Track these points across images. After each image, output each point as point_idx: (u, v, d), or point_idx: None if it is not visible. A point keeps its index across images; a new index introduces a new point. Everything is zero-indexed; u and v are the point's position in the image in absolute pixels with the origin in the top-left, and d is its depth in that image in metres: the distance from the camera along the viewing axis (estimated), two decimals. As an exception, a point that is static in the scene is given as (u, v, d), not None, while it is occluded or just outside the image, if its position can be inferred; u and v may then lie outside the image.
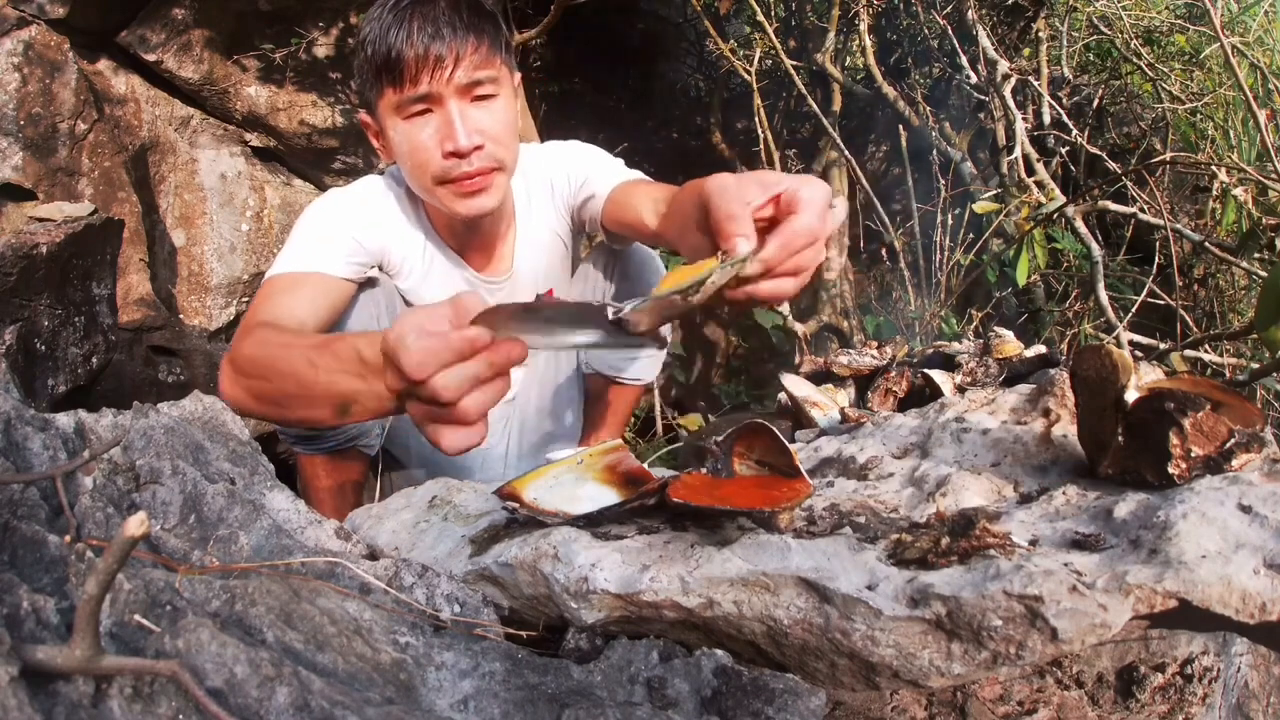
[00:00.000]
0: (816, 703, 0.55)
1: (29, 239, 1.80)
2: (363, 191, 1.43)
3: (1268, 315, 1.15)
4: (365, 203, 1.40)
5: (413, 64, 1.18)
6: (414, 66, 1.19)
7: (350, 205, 1.39)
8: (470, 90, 1.23)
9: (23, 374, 1.73)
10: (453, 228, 1.42)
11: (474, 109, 1.24)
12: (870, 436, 0.92)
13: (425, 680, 0.54)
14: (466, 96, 1.23)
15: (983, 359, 1.07)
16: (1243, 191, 2.06)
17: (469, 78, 1.22)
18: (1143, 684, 0.66)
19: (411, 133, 1.24)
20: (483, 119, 1.24)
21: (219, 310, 2.73)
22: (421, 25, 1.18)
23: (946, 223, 2.73)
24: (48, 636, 0.43)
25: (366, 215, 1.38)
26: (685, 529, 0.71)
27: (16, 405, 0.66)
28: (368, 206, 1.40)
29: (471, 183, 1.26)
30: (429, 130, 1.23)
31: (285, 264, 1.28)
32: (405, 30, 1.18)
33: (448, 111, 1.22)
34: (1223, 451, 0.65)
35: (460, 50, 1.20)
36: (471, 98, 1.24)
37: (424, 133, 1.23)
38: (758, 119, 3.14)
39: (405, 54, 1.18)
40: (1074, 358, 0.75)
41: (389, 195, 1.43)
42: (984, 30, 2.78)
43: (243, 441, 0.81)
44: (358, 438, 1.49)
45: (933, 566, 0.60)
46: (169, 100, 2.65)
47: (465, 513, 0.85)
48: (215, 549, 0.62)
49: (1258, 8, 2.55)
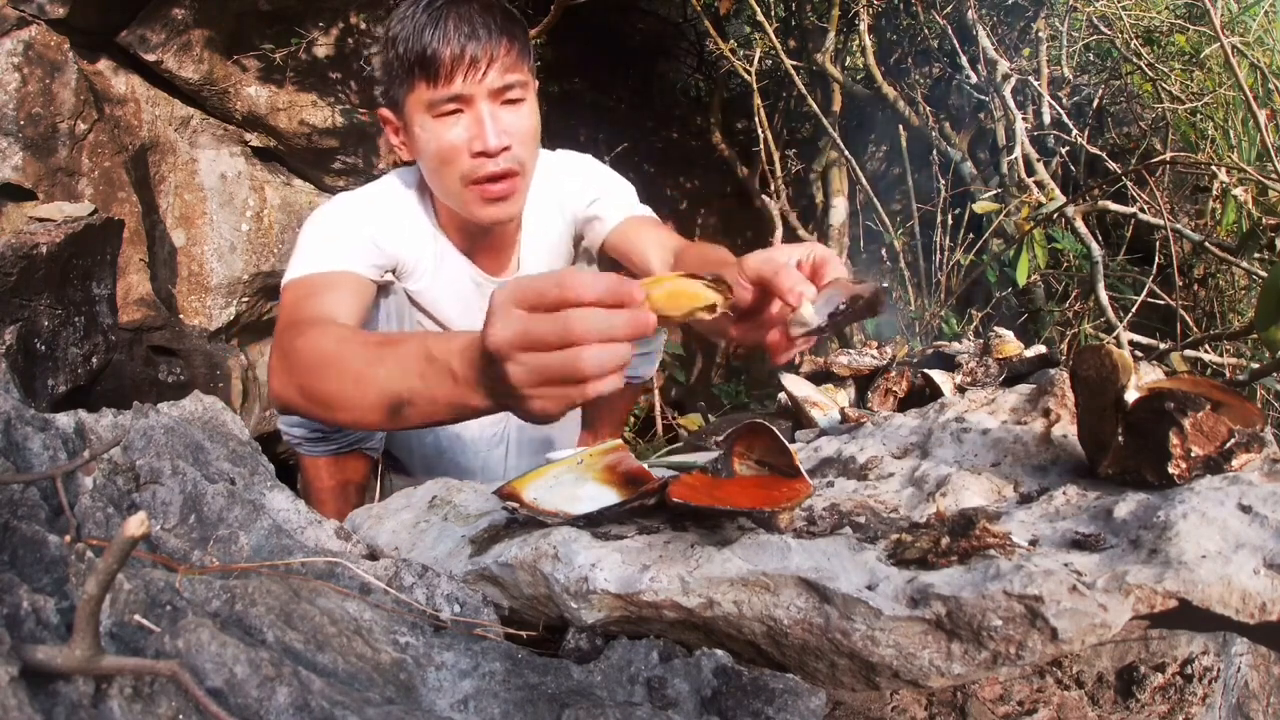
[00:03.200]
0: (816, 703, 0.55)
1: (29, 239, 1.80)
2: (372, 194, 1.43)
3: (1268, 315, 1.15)
4: (375, 204, 1.40)
5: (448, 63, 1.19)
6: (449, 65, 1.20)
7: (362, 207, 1.39)
8: (501, 93, 1.25)
9: (23, 374, 1.73)
10: (464, 228, 1.42)
11: (503, 111, 1.26)
12: (870, 436, 0.92)
13: (425, 680, 0.54)
14: (497, 99, 1.25)
15: (983, 359, 1.07)
16: (1243, 191, 2.06)
17: (501, 80, 1.23)
18: (1143, 684, 0.66)
19: (441, 131, 1.24)
20: (511, 121, 1.26)
21: (219, 310, 2.73)
22: (458, 25, 1.19)
23: (946, 223, 2.73)
24: (48, 636, 0.43)
25: (379, 217, 1.38)
26: (685, 529, 0.71)
27: (16, 405, 0.66)
28: (378, 208, 1.40)
29: (497, 187, 1.27)
30: (458, 129, 1.24)
31: (311, 264, 1.26)
32: (442, 29, 1.19)
33: (478, 112, 1.23)
34: (1223, 451, 0.65)
35: (494, 52, 1.21)
36: (502, 100, 1.25)
37: (453, 132, 1.24)
38: (758, 119, 3.14)
39: (441, 53, 1.19)
40: (1074, 358, 0.75)
41: (398, 196, 1.44)
42: (984, 30, 2.79)
43: (243, 441, 0.81)
44: (362, 440, 1.50)
45: (933, 566, 0.60)
46: (169, 100, 2.65)
47: (465, 513, 0.85)
48: (215, 549, 0.62)
49: (1258, 8, 2.55)
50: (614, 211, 1.44)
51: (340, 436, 1.46)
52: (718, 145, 3.68)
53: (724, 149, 3.68)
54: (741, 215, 4.16)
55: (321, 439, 1.45)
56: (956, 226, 2.71)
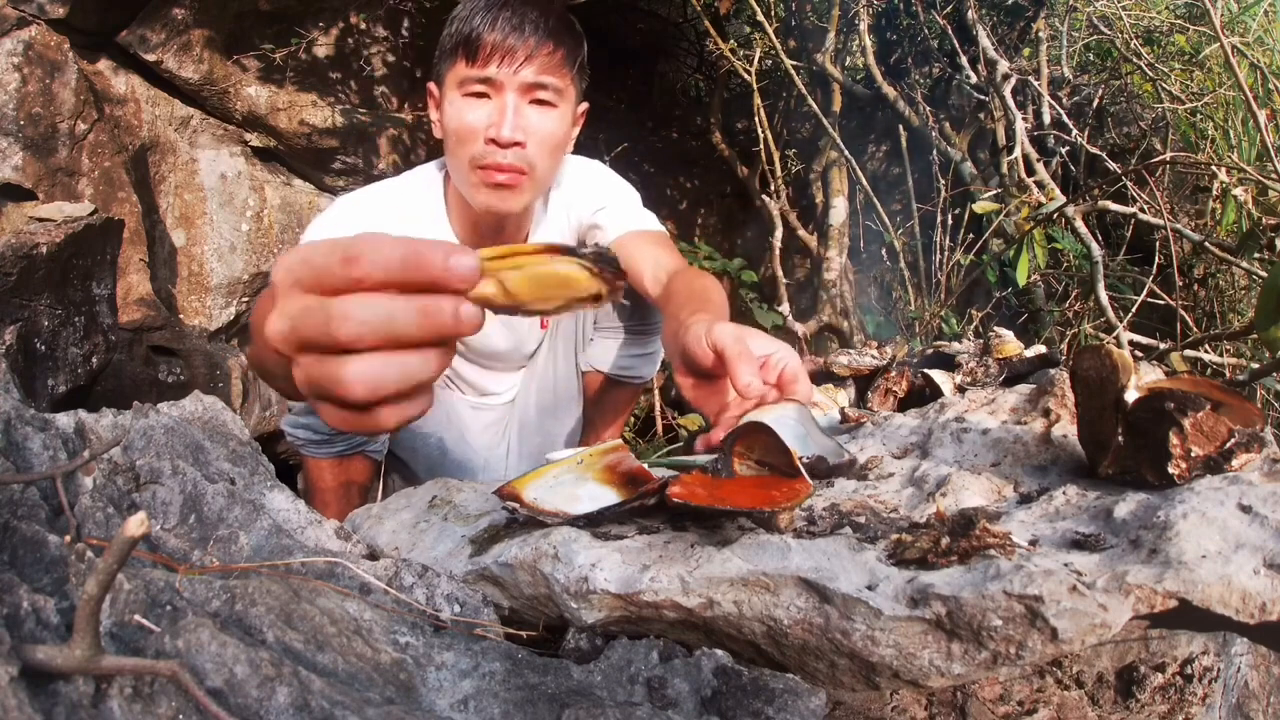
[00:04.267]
0: (816, 703, 0.55)
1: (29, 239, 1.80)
2: (387, 190, 1.45)
3: (1268, 315, 1.15)
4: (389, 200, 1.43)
5: (488, 45, 1.23)
6: (488, 48, 1.23)
7: (375, 202, 1.41)
8: (532, 90, 1.27)
9: (23, 374, 1.73)
10: (476, 226, 1.42)
11: (530, 109, 1.28)
12: (870, 436, 0.93)
13: (425, 680, 0.54)
14: (527, 95, 1.27)
15: (983, 359, 1.07)
16: (1243, 191, 2.06)
17: (535, 78, 1.26)
18: (1143, 684, 0.66)
19: (465, 109, 1.27)
20: (533, 121, 1.28)
21: (219, 310, 2.73)
22: (509, 16, 1.24)
23: (946, 223, 2.73)
24: (48, 636, 0.43)
25: (392, 213, 1.39)
26: (685, 529, 0.71)
27: (16, 405, 0.66)
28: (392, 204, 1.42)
29: (503, 176, 1.28)
30: (481, 112, 1.27)
31: None
32: (493, 15, 1.24)
33: (504, 101, 1.26)
34: (1223, 451, 0.65)
35: (535, 49, 1.25)
36: (531, 98, 1.28)
37: (475, 113, 1.27)
38: (758, 119, 3.14)
39: (484, 35, 1.23)
40: (1074, 358, 0.75)
41: (412, 196, 1.45)
42: (984, 30, 2.78)
43: (243, 441, 0.81)
44: (366, 442, 1.50)
45: (933, 566, 0.60)
46: (169, 100, 2.64)
47: (465, 513, 0.85)
48: (215, 549, 0.62)
49: (1258, 8, 2.55)
50: (616, 223, 1.44)
51: (344, 439, 1.46)
52: (718, 145, 3.67)
53: (724, 149, 3.68)
54: (741, 215, 4.16)
55: (325, 441, 1.45)
56: (956, 226, 2.71)
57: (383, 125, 3.01)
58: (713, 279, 1.25)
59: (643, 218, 1.47)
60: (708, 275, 1.26)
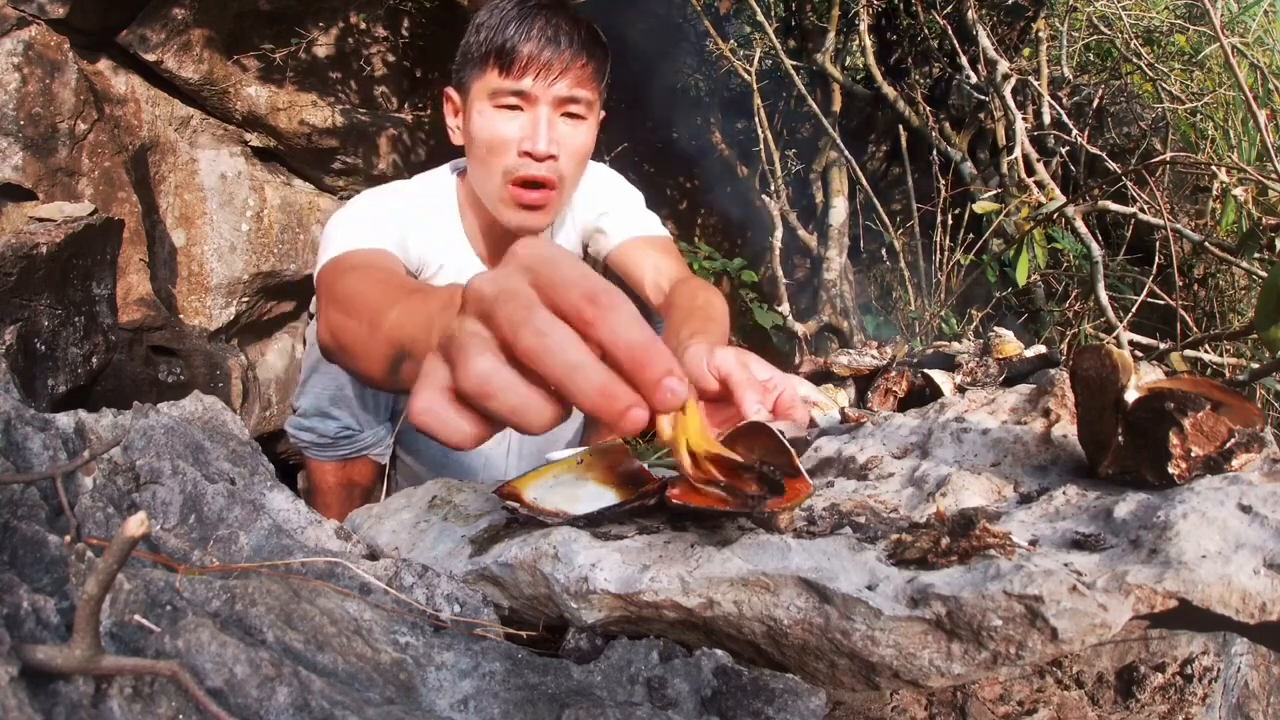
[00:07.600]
0: (816, 703, 0.55)
1: (29, 239, 1.80)
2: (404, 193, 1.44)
3: (1268, 315, 1.15)
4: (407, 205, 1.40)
5: (524, 58, 1.22)
6: (524, 60, 1.22)
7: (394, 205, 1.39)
8: (565, 104, 1.27)
9: (23, 374, 1.73)
10: (490, 235, 1.42)
11: (562, 122, 1.28)
12: (870, 436, 0.92)
13: (425, 680, 0.54)
14: (560, 108, 1.27)
15: (983, 359, 1.07)
16: (1243, 191, 2.06)
17: (568, 91, 1.25)
18: (1143, 684, 0.66)
19: (497, 121, 1.26)
20: (566, 134, 1.28)
21: (219, 310, 2.73)
22: (544, 27, 1.23)
23: (946, 223, 2.73)
24: (48, 636, 0.43)
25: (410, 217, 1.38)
26: (685, 529, 0.71)
27: (16, 405, 0.66)
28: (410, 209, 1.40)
29: (533, 195, 1.28)
30: (514, 125, 1.26)
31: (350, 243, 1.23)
32: (527, 26, 1.22)
33: (538, 114, 1.25)
34: (1223, 451, 0.65)
35: (571, 62, 1.24)
36: (563, 111, 1.28)
37: (509, 126, 1.26)
38: (758, 119, 3.14)
39: (520, 47, 1.22)
40: (1074, 358, 0.75)
41: (429, 202, 1.44)
42: (984, 30, 2.78)
43: (243, 441, 0.81)
44: (369, 447, 1.50)
45: (933, 566, 0.60)
46: (169, 100, 2.65)
47: (465, 513, 0.85)
48: (215, 549, 0.62)
49: (1258, 8, 2.55)
50: (620, 228, 1.44)
51: (347, 444, 1.46)
52: (718, 145, 3.67)
53: (724, 149, 3.67)
54: (741, 215, 4.16)
55: (329, 445, 1.45)
56: (956, 226, 2.71)
57: (383, 125, 3.01)
58: (715, 291, 1.25)
59: (646, 222, 1.47)
60: (710, 287, 1.26)
